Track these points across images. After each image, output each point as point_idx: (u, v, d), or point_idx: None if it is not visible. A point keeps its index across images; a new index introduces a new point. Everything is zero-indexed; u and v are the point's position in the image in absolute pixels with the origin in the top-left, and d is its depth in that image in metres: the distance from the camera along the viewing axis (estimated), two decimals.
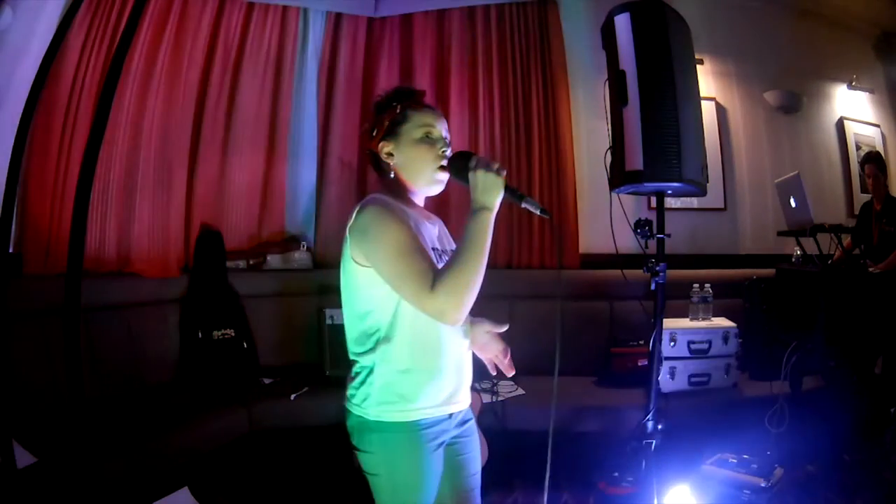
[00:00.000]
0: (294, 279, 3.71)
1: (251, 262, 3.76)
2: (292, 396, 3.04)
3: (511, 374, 1.56)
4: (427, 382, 1.38)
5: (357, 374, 1.42)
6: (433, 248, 1.41)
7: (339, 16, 3.98)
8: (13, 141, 1.98)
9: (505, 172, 1.36)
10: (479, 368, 1.57)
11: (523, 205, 1.38)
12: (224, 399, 2.99)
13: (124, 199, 3.21)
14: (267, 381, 3.32)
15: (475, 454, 1.56)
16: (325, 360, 3.34)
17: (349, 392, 1.43)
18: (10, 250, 2.62)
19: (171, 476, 2.43)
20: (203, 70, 3.57)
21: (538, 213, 1.37)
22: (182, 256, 3.48)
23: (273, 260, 3.78)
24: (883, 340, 2.92)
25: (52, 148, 2.92)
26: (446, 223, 1.61)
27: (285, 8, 3.84)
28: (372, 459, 1.40)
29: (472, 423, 1.56)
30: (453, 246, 1.54)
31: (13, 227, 2.42)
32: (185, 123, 3.49)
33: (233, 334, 3.36)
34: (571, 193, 3.95)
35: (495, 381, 3.02)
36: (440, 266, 1.33)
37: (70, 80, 2.97)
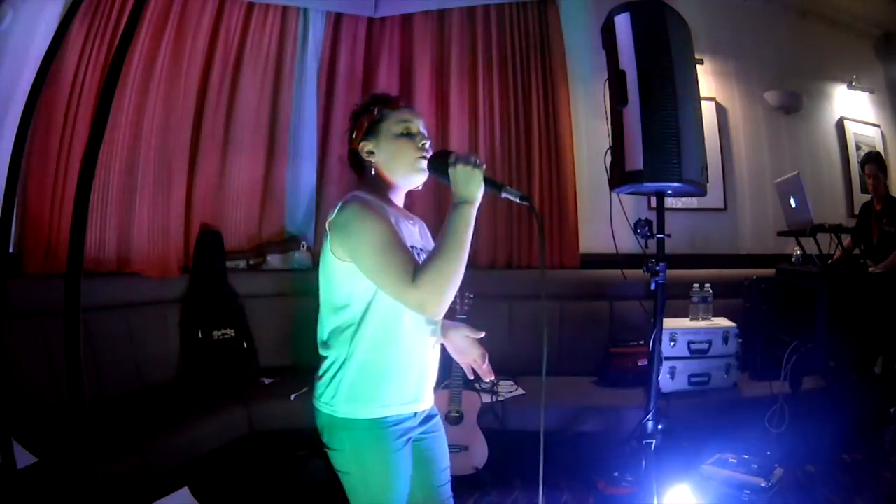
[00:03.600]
0: (294, 279, 3.71)
1: (251, 262, 3.76)
2: (292, 396, 3.04)
3: (489, 378, 1.58)
4: (394, 380, 1.41)
5: (326, 371, 1.43)
6: (412, 246, 1.43)
7: (339, 16, 3.98)
8: (13, 141, 1.98)
9: (484, 165, 1.39)
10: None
11: (503, 195, 1.40)
12: (224, 399, 2.99)
13: (124, 199, 3.21)
14: (267, 381, 3.32)
15: (443, 449, 1.59)
16: None
17: (318, 390, 1.45)
18: (10, 250, 2.61)
19: (171, 476, 2.43)
20: (203, 70, 3.57)
21: (518, 200, 1.39)
22: (182, 256, 3.48)
23: (273, 260, 3.79)
24: (883, 340, 2.92)
25: (52, 148, 2.92)
26: (432, 227, 1.63)
27: (285, 8, 3.84)
28: (343, 457, 1.42)
29: (438, 420, 1.59)
30: (431, 246, 1.55)
31: (13, 227, 2.42)
32: (185, 123, 3.49)
33: (233, 334, 3.36)
34: (571, 193, 3.95)
35: (495, 382, 3.02)
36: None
37: (70, 80, 2.97)
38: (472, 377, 1.63)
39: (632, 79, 2.15)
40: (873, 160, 3.62)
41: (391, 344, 1.40)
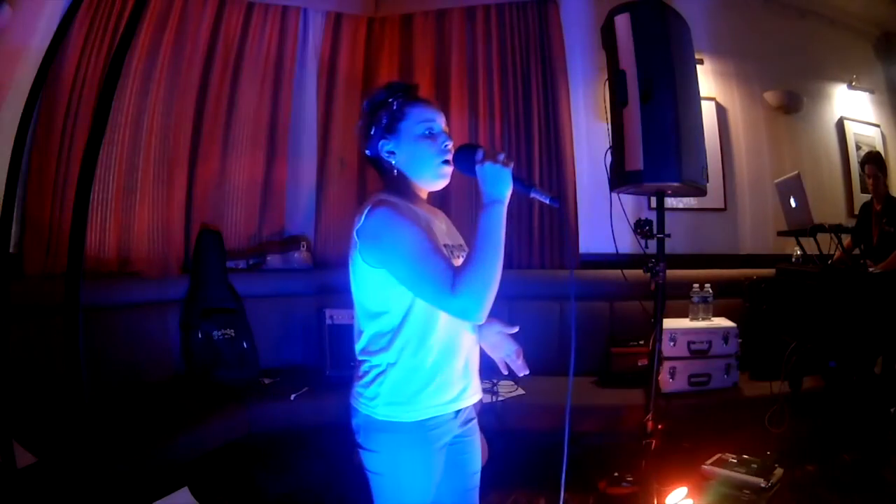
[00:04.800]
0: (294, 279, 3.71)
1: (251, 262, 3.76)
2: (292, 396, 3.04)
3: (524, 373, 1.55)
4: (438, 380, 1.38)
5: (366, 372, 1.40)
6: (445, 245, 1.39)
7: (339, 16, 3.98)
8: (13, 141, 1.98)
9: (512, 163, 1.35)
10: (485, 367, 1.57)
11: (532, 194, 1.38)
12: (224, 399, 2.99)
13: (124, 199, 3.21)
14: (267, 381, 3.32)
15: (476, 454, 1.56)
16: (326, 361, 3.34)
17: (357, 390, 1.42)
18: (11, 250, 2.61)
19: (171, 476, 2.42)
20: (203, 70, 3.57)
21: (547, 202, 1.37)
22: (182, 256, 3.48)
23: (273, 260, 3.78)
24: (883, 340, 2.92)
25: (52, 148, 2.92)
26: (447, 213, 1.61)
27: (285, 8, 3.84)
28: (377, 459, 1.39)
29: (475, 424, 1.57)
30: (461, 240, 1.53)
31: (13, 227, 2.42)
32: (185, 123, 3.49)
33: (233, 334, 3.36)
34: (571, 193, 3.95)
35: (495, 382, 3.02)
36: (455, 262, 1.33)
37: (70, 80, 2.97)
38: (506, 372, 1.59)
39: (632, 79, 2.15)
40: (873, 160, 3.61)
41: (432, 345, 1.37)
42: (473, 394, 1.49)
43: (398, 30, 4.06)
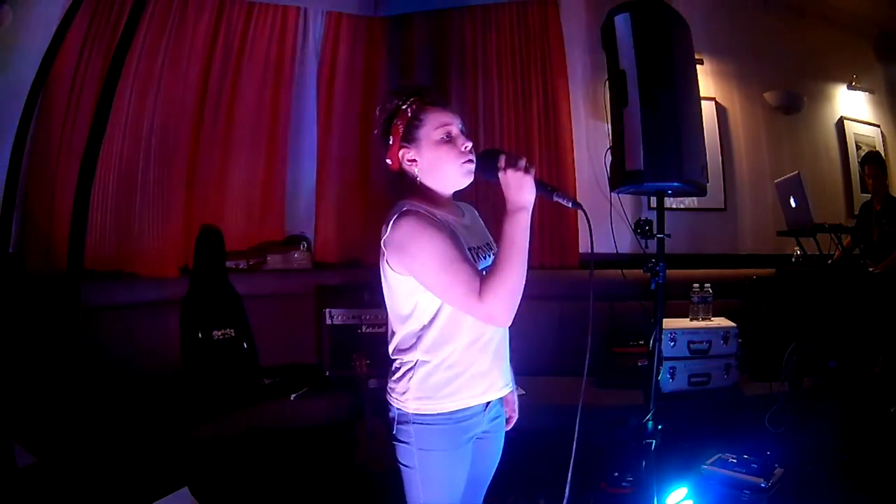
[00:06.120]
0: (294, 279, 3.71)
1: (251, 262, 3.76)
2: (292, 396, 3.04)
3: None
4: (466, 375, 1.42)
5: (397, 369, 1.46)
6: (470, 248, 1.41)
7: (339, 16, 3.98)
8: (13, 141, 1.98)
9: (534, 169, 1.37)
10: None
11: (555, 198, 1.41)
12: (224, 399, 2.99)
13: (124, 198, 3.21)
14: (267, 381, 3.32)
15: (497, 449, 1.61)
16: (325, 361, 3.34)
17: (390, 385, 1.47)
18: (11, 250, 2.62)
19: (171, 476, 2.43)
20: (203, 70, 3.57)
21: (570, 205, 1.40)
22: (182, 256, 3.48)
23: (273, 260, 3.78)
24: (883, 340, 2.92)
25: (52, 148, 2.92)
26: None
27: (285, 8, 3.84)
28: (407, 451, 1.43)
29: (501, 421, 1.60)
30: (488, 237, 1.56)
31: (13, 226, 2.42)
32: (185, 123, 3.49)
33: (233, 334, 3.36)
34: (571, 193, 3.94)
35: None
36: (480, 267, 1.36)
37: (70, 80, 2.97)
38: None
39: (632, 79, 2.14)
40: (873, 160, 3.62)
41: (459, 343, 1.41)
42: (503, 386, 1.52)
43: (398, 30, 4.06)
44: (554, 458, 1.49)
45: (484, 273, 1.34)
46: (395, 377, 1.46)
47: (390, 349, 1.48)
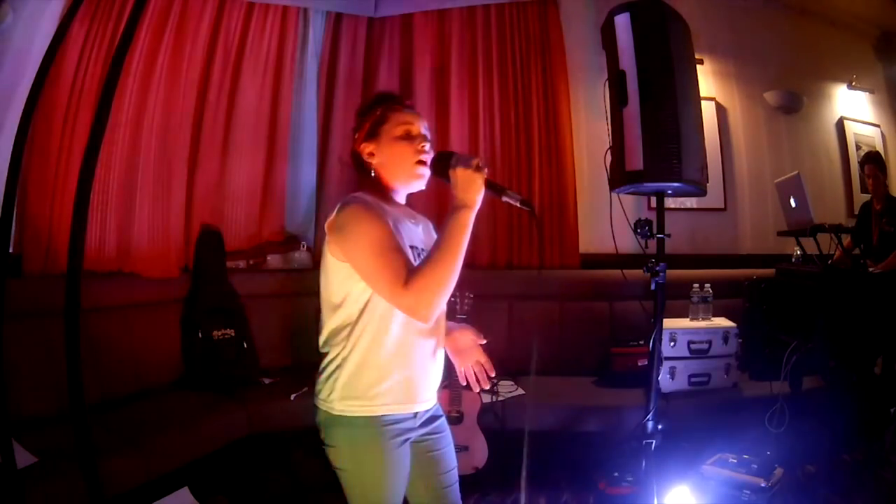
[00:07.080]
0: (294, 279, 3.71)
1: (251, 262, 3.76)
2: (292, 396, 3.04)
3: (483, 387, 1.59)
4: (390, 379, 1.41)
5: (324, 368, 1.45)
6: (411, 246, 1.43)
7: (339, 16, 3.98)
8: (13, 141, 1.98)
9: (486, 169, 1.38)
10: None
11: (504, 198, 1.41)
12: (224, 399, 2.99)
13: (124, 199, 3.20)
14: (267, 381, 3.32)
15: (448, 450, 1.58)
16: None
17: (317, 387, 1.47)
18: (10, 250, 2.61)
19: (171, 476, 2.43)
20: (203, 70, 3.57)
21: (518, 205, 1.39)
22: (182, 256, 3.48)
23: (273, 260, 3.78)
24: (883, 340, 2.92)
25: (52, 148, 2.92)
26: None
27: (285, 8, 3.84)
28: (338, 454, 1.43)
29: (443, 421, 1.59)
30: None
31: (13, 227, 2.42)
32: (185, 123, 3.48)
33: (233, 334, 3.36)
34: (571, 193, 3.95)
35: (495, 382, 3.02)
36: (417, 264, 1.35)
37: (70, 80, 2.97)
38: (464, 383, 1.62)
39: (632, 79, 2.14)
40: (873, 160, 3.62)
41: (387, 344, 1.40)
42: (430, 398, 1.51)
43: (398, 30, 4.06)
44: (554, 457, 1.49)
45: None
46: (321, 378, 1.45)
47: (319, 342, 1.47)
